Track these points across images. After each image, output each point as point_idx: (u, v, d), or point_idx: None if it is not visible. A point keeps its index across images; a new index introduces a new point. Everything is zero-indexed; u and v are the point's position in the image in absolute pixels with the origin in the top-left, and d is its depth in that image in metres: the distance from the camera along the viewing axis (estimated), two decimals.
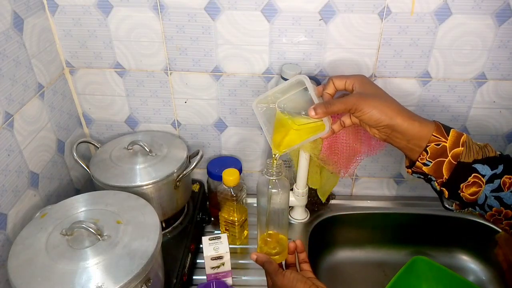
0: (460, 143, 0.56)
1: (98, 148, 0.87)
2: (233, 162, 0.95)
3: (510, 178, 0.55)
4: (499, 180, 0.55)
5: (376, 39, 0.81)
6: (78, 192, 0.95)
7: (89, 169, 0.81)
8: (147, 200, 0.71)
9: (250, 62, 0.85)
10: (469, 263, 1.01)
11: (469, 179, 0.56)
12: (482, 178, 0.56)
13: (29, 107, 0.76)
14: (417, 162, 0.58)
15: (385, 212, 1.01)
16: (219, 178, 0.86)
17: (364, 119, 0.58)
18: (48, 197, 0.83)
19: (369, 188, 1.03)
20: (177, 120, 0.95)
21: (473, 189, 0.56)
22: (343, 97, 0.59)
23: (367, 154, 0.82)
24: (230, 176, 0.83)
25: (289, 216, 0.94)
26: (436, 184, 0.59)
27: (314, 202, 0.99)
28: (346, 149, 0.80)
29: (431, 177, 0.59)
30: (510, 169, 0.55)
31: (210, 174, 0.92)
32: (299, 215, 0.97)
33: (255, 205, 1.01)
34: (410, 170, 0.61)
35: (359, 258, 1.04)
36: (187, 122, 0.95)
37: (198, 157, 0.82)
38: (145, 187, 0.76)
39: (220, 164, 0.93)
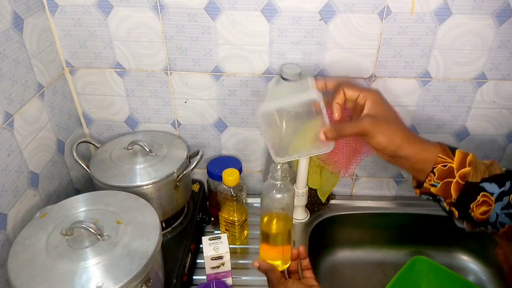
0: (467, 162, 0.56)
1: (98, 148, 0.87)
2: (233, 162, 0.95)
3: None
4: (508, 197, 0.55)
5: (376, 39, 0.81)
6: (78, 192, 0.95)
7: (89, 169, 0.81)
8: (147, 200, 0.71)
9: (250, 62, 0.85)
10: (469, 263, 1.01)
11: (478, 198, 0.56)
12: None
13: (29, 107, 0.76)
14: (425, 183, 0.58)
15: (385, 212, 1.01)
16: (219, 178, 0.86)
17: (371, 143, 0.57)
18: (48, 197, 0.83)
19: (369, 188, 1.03)
20: (177, 120, 0.95)
21: (483, 208, 0.56)
22: (355, 121, 0.58)
23: (367, 154, 0.82)
24: (230, 176, 0.83)
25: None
26: (445, 204, 0.59)
27: (314, 202, 0.99)
28: (346, 149, 0.80)
29: (440, 197, 0.58)
30: None
31: (210, 174, 0.92)
32: (299, 215, 0.97)
33: (255, 205, 1.01)
34: (418, 191, 0.61)
35: (359, 258, 1.04)
36: (187, 122, 0.95)
37: (198, 157, 0.82)
38: (145, 187, 0.76)
39: (220, 164, 0.93)
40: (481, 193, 0.55)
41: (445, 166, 0.56)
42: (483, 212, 0.56)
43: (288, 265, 0.72)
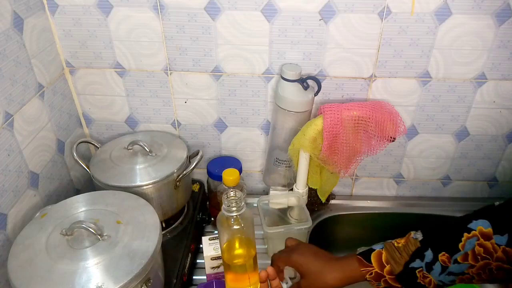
0: (384, 261, 0.60)
1: (98, 148, 0.87)
2: (233, 162, 0.95)
3: (443, 255, 0.56)
4: (437, 261, 0.56)
5: (376, 39, 0.81)
6: (78, 192, 0.95)
7: (89, 169, 0.81)
8: (147, 200, 0.71)
9: (250, 62, 0.85)
10: None
11: (418, 275, 0.58)
12: (423, 271, 0.57)
13: (29, 107, 0.76)
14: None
15: (385, 212, 1.01)
16: (219, 178, 0.85)
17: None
18: (48, 197, 0.83)
19: (369, 188, 1.03)
20: (177, 120, 0.95)
21: (426, 280, 0.57)
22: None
23: (367, 154, 0.82)
24: (230, 176, 0.82)
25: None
26: None
27: (314, 202, 0.99)
28: (346, 149, 0.80)
29: None
30: (437, 248, 0.57)
31: (210, 174, 0.92)
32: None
33: (255, 205, 1.01)
34: None
35: None
36: (187, 122, 0.95)
37: (198, 157, 0.82)
38: (145, 187, 0.76)
39: (220, 164, 0.93)
40: (416, 272, 0.58)
41: (371, 274, 0.61)
42: (429, 282, 0.58)
43: None
